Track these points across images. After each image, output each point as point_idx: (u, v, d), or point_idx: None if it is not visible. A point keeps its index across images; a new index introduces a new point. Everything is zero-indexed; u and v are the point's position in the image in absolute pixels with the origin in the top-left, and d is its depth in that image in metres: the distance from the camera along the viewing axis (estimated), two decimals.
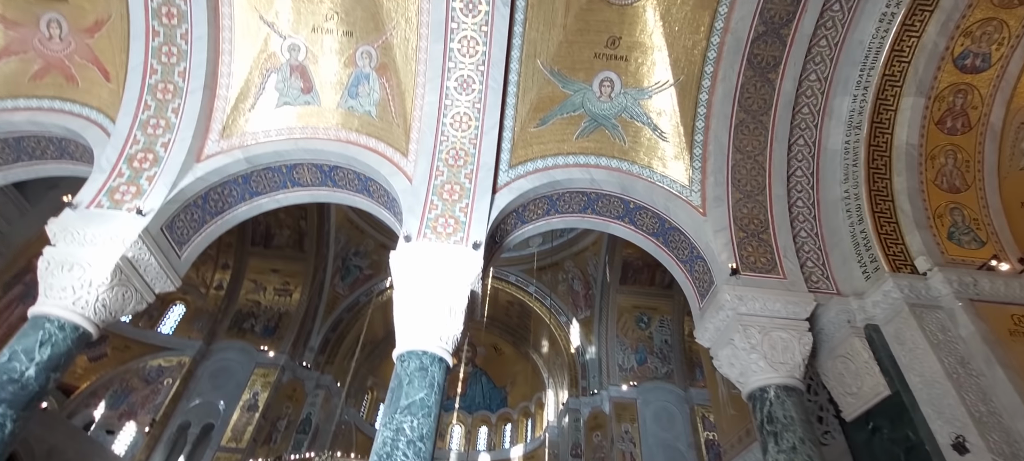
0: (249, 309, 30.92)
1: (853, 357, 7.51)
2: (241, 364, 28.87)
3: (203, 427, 26.53)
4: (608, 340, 31.49)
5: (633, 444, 28.00)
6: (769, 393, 6.80)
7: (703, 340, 8.16)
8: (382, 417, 6.30)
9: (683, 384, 30.21)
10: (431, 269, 7.31)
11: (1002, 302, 6.95)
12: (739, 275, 7.69)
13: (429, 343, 6.74)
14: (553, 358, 35.84)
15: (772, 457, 6.38)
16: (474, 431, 42.82)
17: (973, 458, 5.80)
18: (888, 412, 6.96)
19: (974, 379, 6.36)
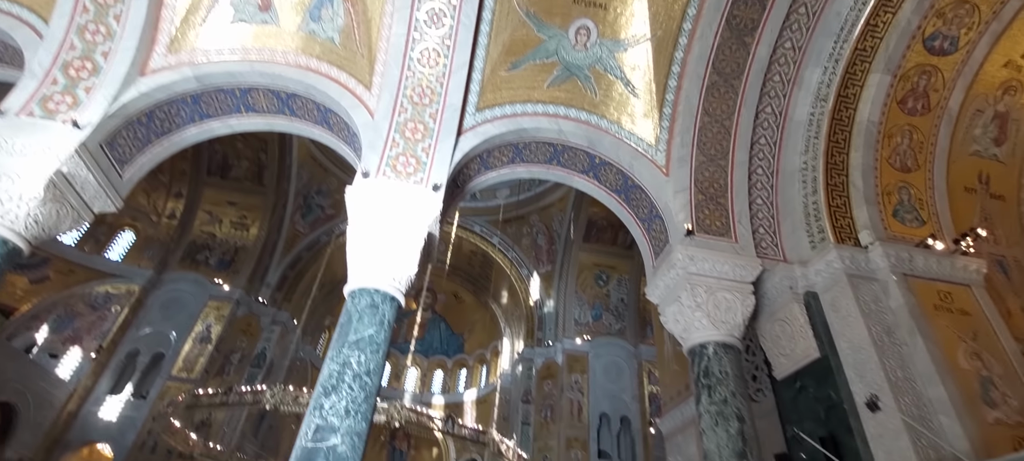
0: (203, 241, 29.93)
1: (790, 321, 7.90)
2: (194, 296, 28.19)
3: (153, 356, 25.99)
4: (567, 295, 32.22)
5: (581, 394, 29.23)
6: (708, 349, 7.11)
7: (653, 297, 8.39)
8: (330, 350, 6.27)
9: (634, 341, 31.46)
10: (388, 207, 7.15)
11: (932, 279, 7.38)
12: (693, 236, 7.87)
13: (381, 281, 6.67)
14: (512, 309, 36.52)
15: (704, 408, 6.74)
16: (429, 374, 43.69)
17: (883, 416, 6.27)
18: (815, 373, 7.41)
19: (896, 347, 6.80)
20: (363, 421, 5.83)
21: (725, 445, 6.31)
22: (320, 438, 5.57)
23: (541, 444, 28.85)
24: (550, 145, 9.16)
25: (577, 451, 27.57)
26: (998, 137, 8.76)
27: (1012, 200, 8.96)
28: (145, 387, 25.04)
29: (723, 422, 6.48)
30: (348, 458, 5.56)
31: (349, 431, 5.67)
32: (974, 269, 7.56)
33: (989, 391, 6.46)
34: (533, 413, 30.04)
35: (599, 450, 27.93)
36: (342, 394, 5.83)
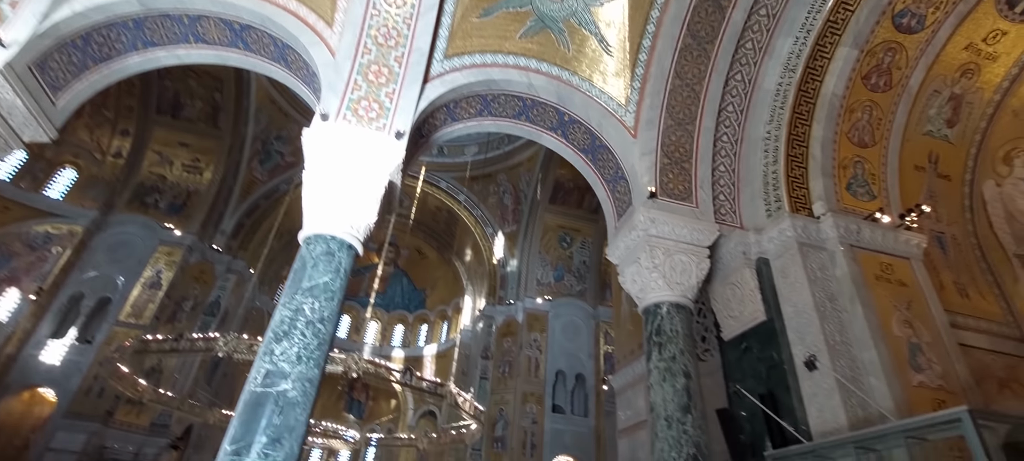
0: (153, 183, 28.46)
1: (741, 285, 8.18)
2: (143, 240, 26.99)
3: (99, 300, 24.91)
4: (530, 255, 32.53)
5: (539, 351, 29.98)
6: (662, 309, 7.30)
7: (613, 257, 8.50)
8: (283, 296, 6.08)
9: (593, 303, 32.26)
10: (347, 153, 6.87)
11: (876, 250, 7.74)
12: (656, 199, 7.94)
13: (338, 228, 6.46)
14: (475, 266, 36.64)
15: (654, 364, 6.96)
16: (390, 328, 43.74)
17: (819, 376, 6.65)
18: (760, 335, 7.75)
19: (837, 313, 7.15)
20: (316, 368, 5.74)
21: (671, 399, 6.57)
22: (270, 383, 5.46)
23: (498, 398, 29.61)
24: (519, 99, 8.96)
25: (532, 405, 28.46)
26: (951, 118, 9.11)
27: (957, 181, 9.42)
28: (90, 332, 24.05)
29: (671, 377, 6.72)
30: (299, 403, 5.48)
31: (300, 377, 5.57)
32: (915, 244, 7.96)
33: (916, 357, 6.92)
34: (491, 368, 30.67)
35: (553, 404, 28.94)
36: (294, 340, 5.70)
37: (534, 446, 27.64)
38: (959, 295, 8.55)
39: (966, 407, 4.16)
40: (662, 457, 6.29)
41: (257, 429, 5.24)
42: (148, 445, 25.38)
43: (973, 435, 4.01)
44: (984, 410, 4.44)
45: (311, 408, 5.71)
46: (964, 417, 4.10)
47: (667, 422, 6.47)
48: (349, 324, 41.22)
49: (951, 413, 4.24)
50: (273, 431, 5.26)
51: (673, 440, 6.31)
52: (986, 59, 8.72)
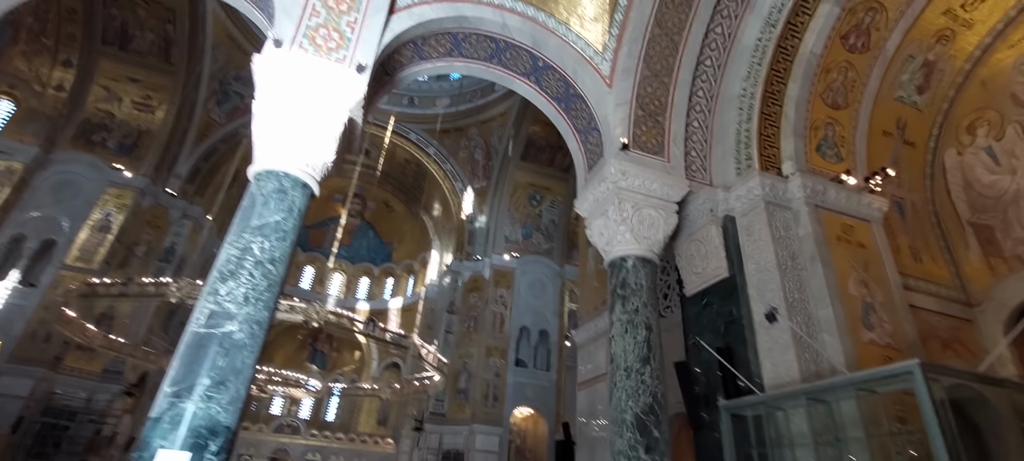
0: (100, 120, 26.66)
1: (706, 242, 8.19)
2: (90, 180, 25.48)
3: (43, 243, 23.58)
4: (499, 212, 32.32)
5: (505, 307, 30.24)
6: (628, 262, 7.24)
7: (582, 209, 8.35)
8: (229, 234, 5.68)
9: (560, 261, 32.53)
10: (303, 84, 6.36)
11: (839, 212, 7.82)
12: (628, 151, 7.75)
13: (292, 165, 6.03)
14: (443, 221, 36.24)
15: (617, 316, 6.94)
16: (355, 281, 43.24)
17: (775, 331, 6.77)
18: (721, 291, 7.82)
19: (797, 271, 7.25)
20: (265, 310, 5.42)
21: (631, 350, 6.58)
22: (214, 324, 5.13)
23: (462, 352, 29.90)
24: (492, 40, 8.49)
25: (496, 359, 28.88)
26: (922, 85, 9.17)
27: (921, 148, 9.57)
28: (35, 275, 22.80)
29: (632, 330, 6.71)
30: (246, 346, 5.19)
31: (248, 319, 5.26)
32: (877, 207, 8.08)
33: (869, 315, 7.10)
34: (457, 323, 30.83)
35: (517, 359, 29.45)
36: (241, 280, 5.35)
37: (496, 398, 28.22)
38: (913, 259, 8.81)
39: (917, 360, 4.23)
40: (620, 406, 6.33)
41: (200, 371, 4.95)
42: (100, 391, 24.68)
43: (922, 387, 4.09)
44: (933, 364, 4.54)
45: (260, 351, 5.43)
46: (915, 370, 4.18)
47: (626, 372, 6.49)
48: (312, 275, 40.53)
49: (903, 366, 4.32)
50: (217, 373, 4.98)
51: (631, 389, 6.35)
52: (962, 26, 8.72)
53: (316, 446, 37.01)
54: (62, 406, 22.76)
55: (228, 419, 4.98)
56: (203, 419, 4.82)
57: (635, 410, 6.24)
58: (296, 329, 29.66)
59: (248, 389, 5.27)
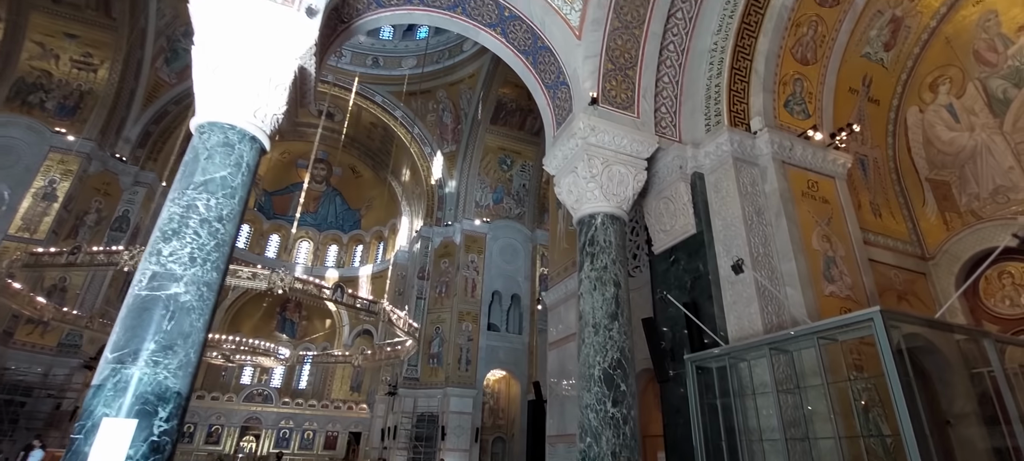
0: (36, 79, 24.80)
1: (675, 199, 8.15)
2: (29, 145, 23.88)
3: None
4: (469, 176, 31.89)
5: (477, 272, 30.20)
6: (597, 220, 7.13)
7: (550, 167, 8.16)
8: (172, 192, 5.27)
9: (531, 226, 32.52)
10: (247, 28, 5.85)
11: (805, 168, 7.87)
12: (598, 106, 7.55)
13: (239, 117, 5.59)
14: (413, 187, 35.58)
15: (586, 274, 6.86)
16: (323, 248, 42.40)
17: (740, 286, 6.85)
18: (689, 247, 7.84)
19: (763, 227, 7.29)
20: (214, 271, 5.09)
21: (599, 307, 6.53)
22: (158, 286, 4.79)
23: (434, 317, 29.87)
24: None
25: (468, 323, 28.99)
26: (888, 42, 9.19)
27: (885, 105, 9.68)
28: None
29: (601, 287, 6.66)
30: (194, 309, 4.87)
31: (195, 280, 4.92)
32: (841, 163, 8.16)
33: (830, 269, 7.24)
34: (428, 289, 30.67)
35: (489, 323, 29.63)
36: (186, 240, 4.99)
37: (469, 361, 28.44)
38: (873, 214, 9.02)
39: (878, 307, 4.28)
40: (588, 361, 6.32)
41: (145, 335, 4.63)
42: (58, 366, 23.82)
43: (882, 333, 4.15)
44: (893, 311, 4.61)
45: (211, 315, 5.13)
46: (875, 317, 4.23)
47: (594, 329, 6.46)
48: (277, 243, 39.50)
49: (864, 313, 4.37)
50: (164, 337, 4.67)
51: (599, 345, 6.33)
52: None
53: (289, 413, 36.82)
54: (16, 381, 21.86)
55: (178, 385, 4.71)
56: (150, 385, 4.54)
57: (603, 365, 6.24)
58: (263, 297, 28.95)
59: (200, 354, 4.98)
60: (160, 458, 4.50)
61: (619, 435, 5.94)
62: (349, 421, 37.83)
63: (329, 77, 29.96)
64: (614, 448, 5.86)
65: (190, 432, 33.97)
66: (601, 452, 5.87)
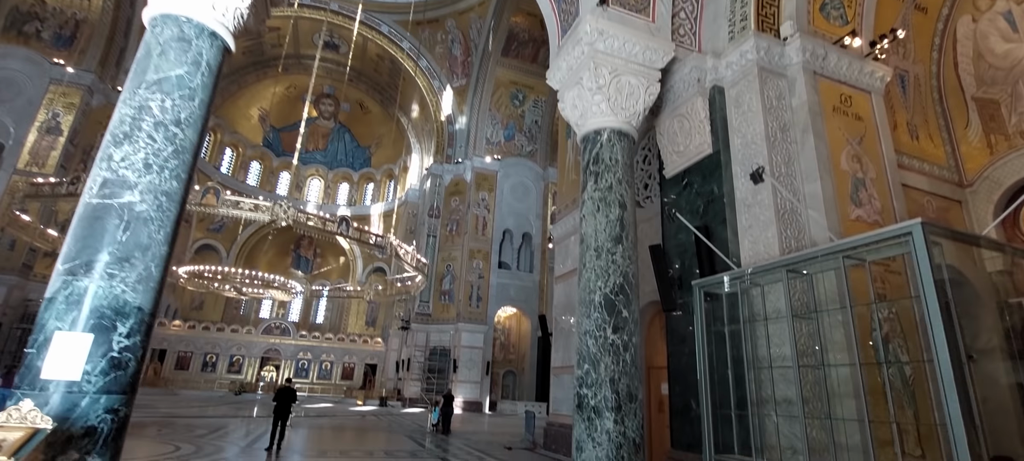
0: (30, 8, 24.11)
1: (690, 116, 7.43)
2: (30, 77, 23.49)
3: None
4: (480, 112, 30.88)
5: (487, 210, 29.81)
6: (602, 136, 6.49)
7: (554, 81, 7.43)
8: (123, 93, 4.76)
9: (543, 163, 31.72)
10: None
11: (839, 80, 7.04)
12: (607, 7, 6.71)
13: (196, 9, 4.98)
14: (422, 124, 34.70)
15: (589, 194, 6.32)
16: (334, 187, 42.25)
17: (757, 208, 6.26)
18: (703, 169, 7.19)
19: (787, 145, 6.59)
20: (173, 180, 4.65)
21: (603, 229, 6.02)
22: (110, 194, 4.39)
23: (445, 255, 29.83)
24: None
25: (479, 261, 28.93)
26: None
27: (933, 14, 8.62)
28: None
29: (605, 208, 6.12)
30: (152, 220, 4.48)
31: (152, 189, 4.50)
32: (879, 76, 7.29)
33: (858, 192, 6.57)
34: (439, 227, 30.47)
35: (500, 261, 29.53)
36: (139, 144, 4.53)
37: (480, 298, 28.59)
38: (909, 136, 8.20)
39: (919, 220, 3.69)
40: (589, 286, 5.88)
41: (98, 246, 4.28)
42: None
43: (921, 248, 3.58)
44: (935, 223, 4.01)
45: (173, 228, 4.72)
46: (916, 230, 3.65)
47: (597, 252, 5.97)
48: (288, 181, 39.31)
49: (902, 226, 3.79)
50: (120, 249, 4.31)
51: (601, 269, 5.86)
52: None
53: (307, 346, 37.96)
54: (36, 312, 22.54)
55: (139, 300, 4.38)
56: (106, 299, 4.22)
57: (604, 291, 5.80)
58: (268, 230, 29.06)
59: (164, 269, 4.63)
60: (122, 375, 4.23)
61: (619, 362, 5.57)
62: (365, 353, 38.98)
63: (333, 4, 28.61)
64: (613, 375, 5.51)
65: (213, 362, 35.34)
66: (598, 378, 5.52)
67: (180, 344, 34.64)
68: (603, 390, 5.47)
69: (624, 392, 5.48)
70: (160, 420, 14.51)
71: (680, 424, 6.95)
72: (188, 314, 36.81)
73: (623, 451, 5.30)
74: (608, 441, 5.30)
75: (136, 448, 9.29)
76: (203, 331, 35.53)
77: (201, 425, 13.70)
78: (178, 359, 34.64)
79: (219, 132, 36.75)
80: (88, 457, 4.05)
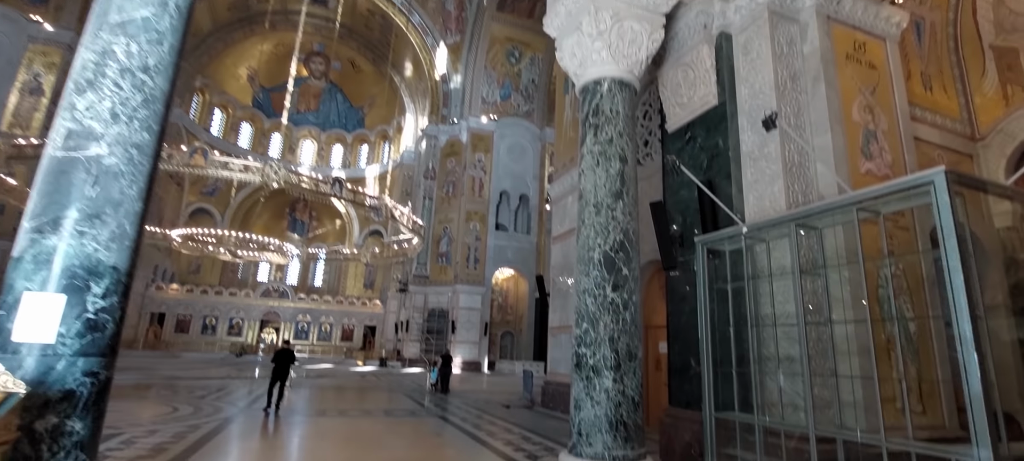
0: None
1: (696, 66, 7.07)
2: (8, 36, 22.63)
3: None
4: (475, 70, 30.08)
5: (484, 172, 29.43)
6: (603, 85, 6.14)
7: (551, 27, 7.01)
8: (84, 37, 4.39)
9: (540, 124, 31.12)
10: None
11: (853, 26, 6.65)
12: None
13: None
14: (416, 83, 33.84)
15: (588, 148, 6.03)
16: (327, 148, 41.59)
17: (768, 155, 5.97)
18: (708, 122, 6.89)
19: (796, 94, 6.28)
20: (144, 132, 4.34)
21: (603, 185, 5.76)
22: (75, 146, 4.08)
23: (442, 217, 29.61)
24: None
25: (476, 223, 28.75)
26: None
27: None
28: None
29: (604, 162, 5.84)
30: (123, 173, 4.19)
31: (121, 141, 4.20)
32: (896, 21, 6.90)
33: (869, 144, 6.30)
34: (435, 189, 30.14)
35: (497, 223, 29.34)
36: (104, 93, 4.19)
37: (477, 260, 28.55)
38: (923, 87, 7.86)
39: (942, 168, 3.45)
40: (587, 244, 5.67)
41: (65, 202, 4.01)
42: None
43: (944, 196, 3.35)
44: (958, 171, 3.77)
45: (147, 183, 4.44)
46: (938, 178, 3.41)
47: (596, 208, 5.73)
48: (281, 143, 38.63)
49: (924, 175, 3.55)
50: (89, 205, 4.04)
51: (601, 226, 5.64)
52: None
53: (305, 308, 38.20)
54: None
55: (113, 259, 4.14)
56: (78, 258, 3.97)
57: (604, 248, 5.59)
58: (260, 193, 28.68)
59: (139, 227, 4.37)
60: (100, 337, 4.03)
61: (618, 321, 5.41)
62: (364, 315, 39.29)
63: None
64: (612, 334, 5.36)
65: (213, 325, 35.58)
66: (598, 338, 5.38)
67: (179, 307, 34.76)
68: (602, 349, 5.33)
69: (624, 351, 5.34)
70: (160, 382, 14.56)
71: (678, 382, 6.88)
72: (185, 278, 36.79)
73: (622, 409, 5.20)
74: (607, 399, 5.19)
75: (139, 410, 9.27)
76: (201, 295, 35.61)
77: (201, 387, 13.74)
78: (178, 322, 34.84)
79: (207, 92, 35.83)
80: (68, 421, 3.90)
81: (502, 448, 7.47)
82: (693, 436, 6.20)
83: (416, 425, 9.43)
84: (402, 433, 8.53)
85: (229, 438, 7.41)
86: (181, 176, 32.80)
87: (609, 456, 5.08)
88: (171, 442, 6.80)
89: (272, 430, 8.34)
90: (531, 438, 8.39)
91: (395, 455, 6.88)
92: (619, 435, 5.13)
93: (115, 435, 6.96)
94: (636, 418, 5.26)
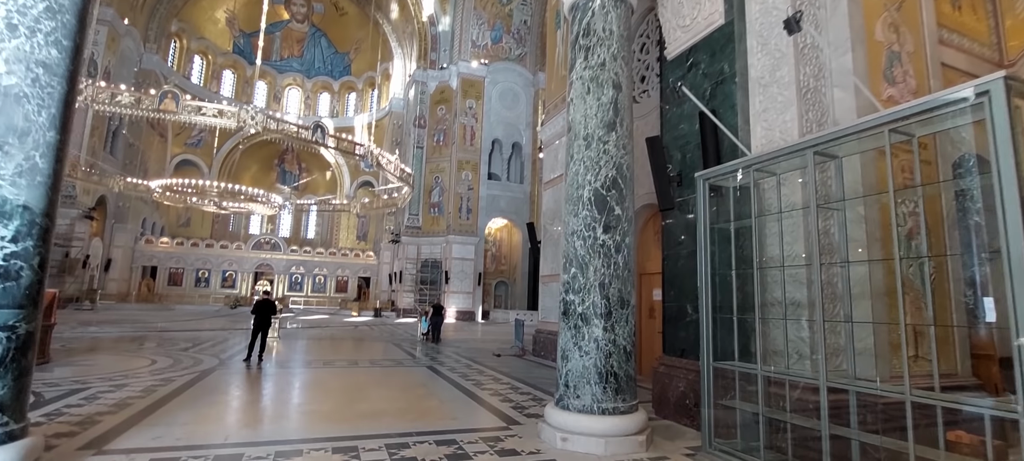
0: None
1: None
2: None
3: None
4: (465, 11, 28.57)
5: (475, 119, 28.43)
6: (595, 3, 5.41)
7: None
8: None
9: (533, 68, 29.86)
10: None
11: None
12: None
13: None
14: (403, 26, 32.22)
15: (577, 74, 5.37)
16: (314, 97, 40.15)
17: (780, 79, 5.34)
18: (712, 45, 6.19)
19: (814, 11, 5.57)
20: (51, 48, 3.69)
21: (594, 114, 5.14)
22: None
23: (433, 166, 28.84)
24: None
25: (468, 172, 28.03)
26: None
27: None
28: None
29: (596, 89, 5.20)
30: (28, 96, 3.59)
31: (22, 58, 3.57)
32: None
33: (892, 67, 5.65)
34: (426, 137, 29.20)
35: (489, 172, 28.62)
36: None
37: (470, 210, 28.01)
38: (952, 7, 7.10)
39: (1002, 73, 2.87)
40: (577, 181, 5.11)
41: None
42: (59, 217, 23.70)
43: (1001, 111, 2.79)
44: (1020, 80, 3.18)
45: (61, 109, 3.81)
46: (994, 87, 2.83)
47: (586, 141, 5.14)
48: (266, 92, 37.19)
49: (979, 83, 2.97)
50: None
51: (591, 161, 5.06)
52: None
53: (298, 260, 37.90)
54: None
55: (24, 197, 3.58)
56: None
57: (594, 185, 5.03)
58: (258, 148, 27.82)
59: (54, 161, 3.78)
60: (14, 287, 3.51)
61: (610, 265, 4.92)
62: (357, 267, 39.09)
63: None
64: (603, 279, 4.88)
65: (206, 277, 35.34)
66: (587, 283, 4.90)
67: (170, 260, 34.39)
68: (592, 295, 4.87)
69: (615, 297, 4.88)
70: (146, 335, 14.25)
71: (673, 330, 6.49)
72: (175, 231, 36.24)
73: (612, 359, 4.79)
74: (596, 349, 4.78)
75: (116, 364, 8.92)
76: (192, 247, 35.18)
77: (187, 339, 13.44)
78: (170, 275, 34.55)
79: (184, 37, 34.16)
80: None
81: (489, 399, 7.16)
82: (688, 386, 5.85)
83: (404, 375, 9.14)
84: (387, 383, 8.22)
85: (202, 392, 7.05)
86: (164, 126, 31.66)
87: (598, 409, 4.71)
88: (139, 396, 6.43)
89: (249, 382, 8.01)
90: (519, 387, 8.10)
91: (376, 407, 6.55)
92: (610, 387, 4.74)
93: (79, 391, 6.58)
94: (628, 369, 4.86)
